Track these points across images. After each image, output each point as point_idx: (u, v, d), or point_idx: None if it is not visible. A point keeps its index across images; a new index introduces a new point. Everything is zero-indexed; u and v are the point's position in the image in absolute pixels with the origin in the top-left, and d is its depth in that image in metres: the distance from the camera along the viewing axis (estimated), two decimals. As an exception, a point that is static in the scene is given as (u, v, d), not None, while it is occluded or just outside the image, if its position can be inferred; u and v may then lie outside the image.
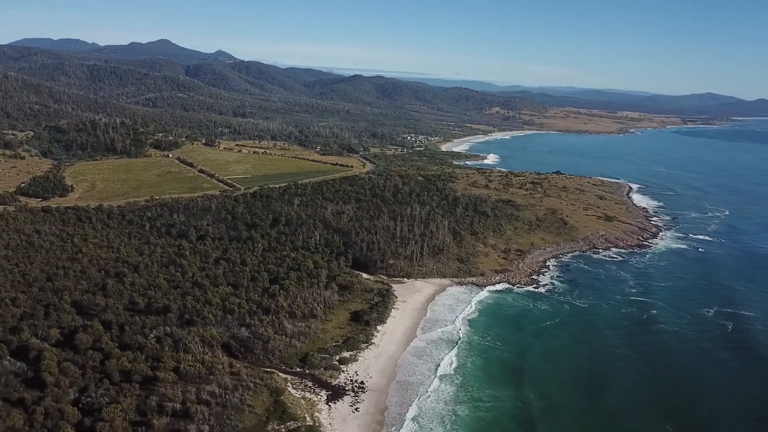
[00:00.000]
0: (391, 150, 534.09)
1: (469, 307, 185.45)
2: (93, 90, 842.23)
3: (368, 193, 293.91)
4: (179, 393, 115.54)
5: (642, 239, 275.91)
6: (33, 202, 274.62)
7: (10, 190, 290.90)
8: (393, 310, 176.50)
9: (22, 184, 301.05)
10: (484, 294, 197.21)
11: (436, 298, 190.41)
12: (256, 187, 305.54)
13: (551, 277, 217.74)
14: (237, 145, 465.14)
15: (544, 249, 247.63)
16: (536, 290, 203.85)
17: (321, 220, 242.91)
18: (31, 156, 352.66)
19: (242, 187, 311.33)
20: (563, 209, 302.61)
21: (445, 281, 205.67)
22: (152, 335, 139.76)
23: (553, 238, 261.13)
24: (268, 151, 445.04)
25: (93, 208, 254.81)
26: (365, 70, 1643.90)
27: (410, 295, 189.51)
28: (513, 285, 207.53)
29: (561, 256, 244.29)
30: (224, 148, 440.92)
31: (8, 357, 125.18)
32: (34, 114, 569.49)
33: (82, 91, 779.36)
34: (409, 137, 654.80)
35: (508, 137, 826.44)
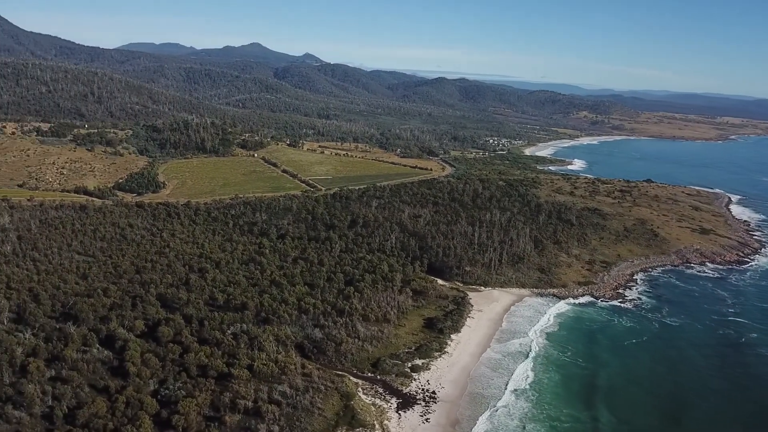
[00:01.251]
0: (472, 153, 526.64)
1: (548, 319, 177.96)
2: (188, 91, 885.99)
3: (446, 197, 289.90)
4: (252, 391, 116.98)
5: (742, 255, 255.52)
6: (128, 197, 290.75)
7: (109, 185, 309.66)
8: (468, 318, 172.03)
9: (120, 180, 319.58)
10: (565, 306, 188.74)
11: (514, 309, 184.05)
12: (336, 189, 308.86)
13: (639, 292, 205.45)
14: (320, 146, 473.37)
15: (632, 261, 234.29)
16: (622, 305, 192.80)
17: (398, 223, 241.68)
18: (129, 153, 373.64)
19: (323, 188, 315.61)
20: (654, 220, 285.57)
21: (523, 291, 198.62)
22: (229, 332, 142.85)
23: (642, 250, 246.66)
24: (349, 153, 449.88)
25: (182, 205, 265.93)
26: (449, 72, 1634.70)
27: (486, 305, 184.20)
28: (597, 298, 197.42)
29: (650, 269, 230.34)
30: (307, 149, 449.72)
31: (97, 345, 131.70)
32: (134, 113, 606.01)
33: (179, 93, 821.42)
34: (491, 140, 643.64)
35: (595, 142, 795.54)
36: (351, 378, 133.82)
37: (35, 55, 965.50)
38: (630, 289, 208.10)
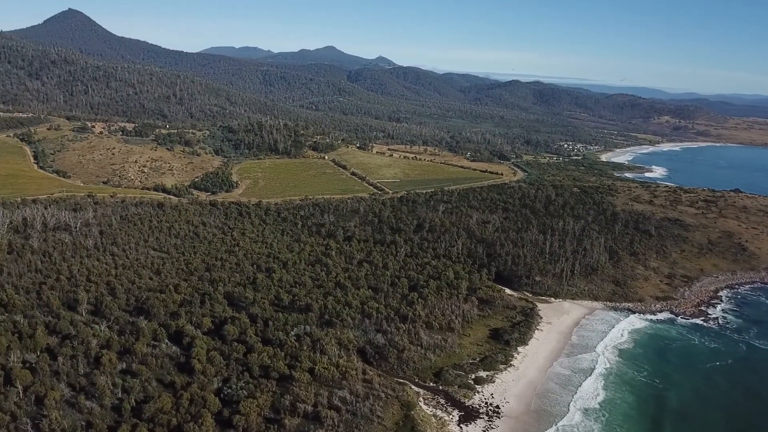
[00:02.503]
0: (545, 158, 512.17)
1: (622, 335, 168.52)
2: (264, 93, 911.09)
3: (517, 202, 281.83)
4: (312, 395, 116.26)
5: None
6: (203, 196, 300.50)
7: (185, 184, 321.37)
8: (536, 331, 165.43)
9: (196, 179, 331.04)
10: (641, 322, 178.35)
11: (585, 323, 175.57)
12: (403, 192, 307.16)
13: (723, 310, 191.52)
14: (389, 149, 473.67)
15: (716, 277, 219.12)
16: (705, 324, 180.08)
17: (465, 229, 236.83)
18: (206, 153, 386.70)
19: (390, 191, 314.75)
20: (742, 233, 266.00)
21: (596, 304, 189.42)
22: (293, 333, 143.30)
23: (728, 265, 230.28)
24: (418, 156, 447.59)
25: (253, 204, 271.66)
26: (523, 75, 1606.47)
27: (556, 317, 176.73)
28: (676, 315, 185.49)
29: (737, 286, 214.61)
30: (376, 152, 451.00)
31: (166, 340, 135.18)
32: (212, 114, 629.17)
33: (255, 95, 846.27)
34: (565, 145, 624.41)
35: (677, 149, 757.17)
36: (412, 387, 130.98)
37: (125, 59, 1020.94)
38: (714, 306, 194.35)
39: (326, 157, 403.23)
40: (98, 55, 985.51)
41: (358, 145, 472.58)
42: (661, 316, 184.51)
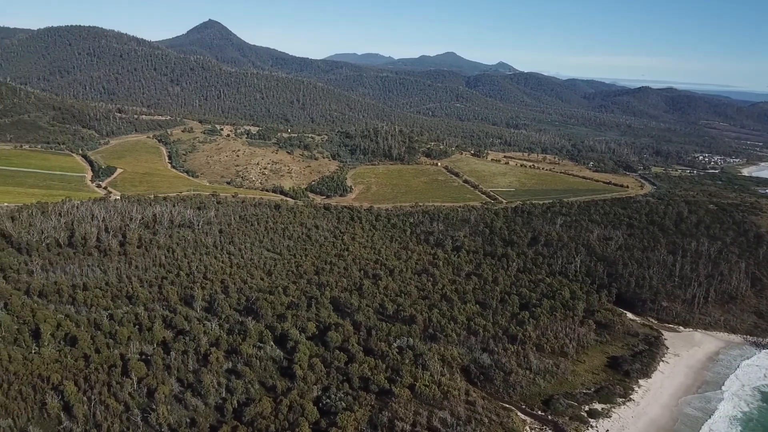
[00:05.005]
0: (676, 171, 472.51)
1: (766, 375, 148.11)
2: (382, 99, 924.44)
3: (644, 219, 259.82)
4: (411, 414, 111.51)
5: None
6: (318, 199, 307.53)
7: (302, 187, 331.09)
8: (661, 362, 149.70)
9: (312, 182, 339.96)
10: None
11: (721, 357, 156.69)
12: (518, 202, 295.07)
13: None
14: (505, 156, 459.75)
15: None
16: None
17: (584, 245, 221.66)
18: (323, 157, 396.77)
19: (504, 201, 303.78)
20: None
21: (734, 338, 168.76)
22: (395, 345, 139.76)
23: None
24: (535, 165, 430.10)
25: (365, 209, 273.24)
26: (654, 81, 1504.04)
27: (685, 348, 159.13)
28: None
29: None
30: (491, 159, 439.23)
31: (271, 343, 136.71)
32: (332, 120, 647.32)
33: (373, 101, 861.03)
34: (700, 157, 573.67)
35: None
36: (518, 414, 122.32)
37: (255, 65, 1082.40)
38: None
39: (439, 164, 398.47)
40: (232, 62, 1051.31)
41: (472, 151, 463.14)
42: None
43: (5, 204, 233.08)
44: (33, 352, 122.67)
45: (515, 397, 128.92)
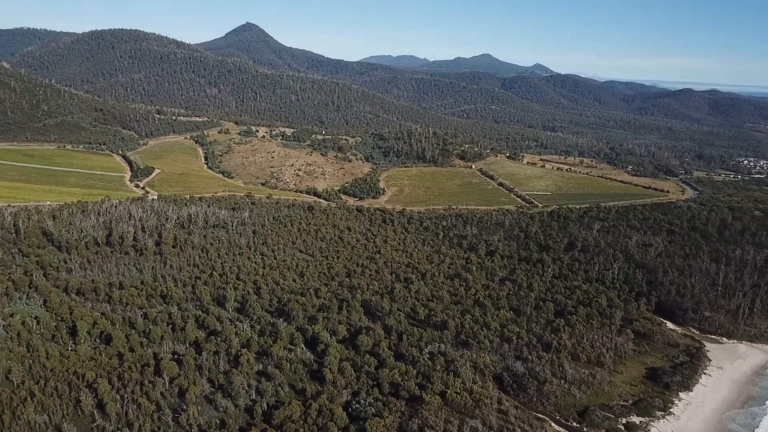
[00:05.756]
0: (720, 175, 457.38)
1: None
2: (417, 101, 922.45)
3: (685, 225, 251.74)
4: (442, 422, 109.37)
5: None
6: (351, 201, 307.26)
7: (335, 189, 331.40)
8: (703, 375, 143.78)
9: (346, 184, 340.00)
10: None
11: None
12: (554, 206, 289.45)
13: None
14: (541, 159, 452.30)
15: None
16: None
17: (622, 251, 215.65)
18: (357, 159, 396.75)
19: (540, 205, 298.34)
20: None
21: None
22: (426, 350, 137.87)
23: None
24: (572, 168, 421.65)
25: (397, 212, 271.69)
26: (696, 83, 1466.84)
27: (729, 361, 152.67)
28: None
29: None
30: (527, 162, 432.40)
31: (302, 345, 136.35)
32: (366, 122, 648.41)
33: (408, 102, 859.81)
34: (746, 161, 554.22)
35: None
36: (552, 424, 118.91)
37: (291, 67, 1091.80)
38: None
39: (473, 167, 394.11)
40: (268, 64, 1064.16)
41: (507, 154, 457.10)
42: None
43: (48, 203, 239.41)
44: (69, 349, 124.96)
45: (549, 407, 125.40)
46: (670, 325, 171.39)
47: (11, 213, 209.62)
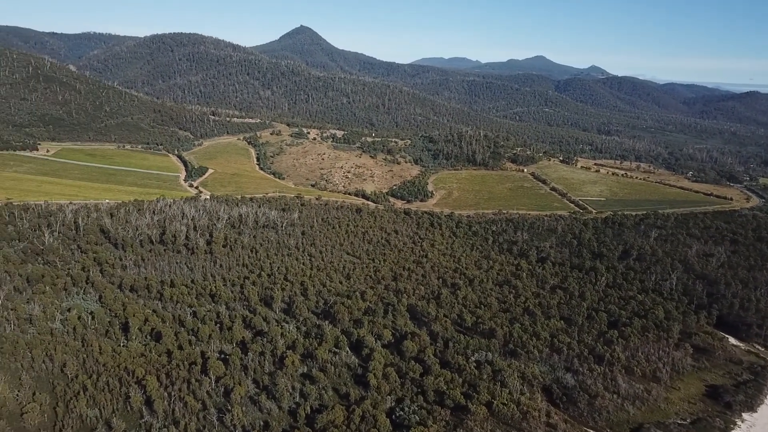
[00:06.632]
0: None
1: None
2: (468, 104, 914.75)
3: (750, 234, 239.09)
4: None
5: None
6: (398, 204, 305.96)
7: (384, 191, 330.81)
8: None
9: (394, 187, 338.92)
10: None
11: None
12: (609, 212, 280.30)
13: None
14: (595, 164, 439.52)
15: None
16: None
17: (681, 261, 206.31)
18: (406, 162, 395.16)
19: (594, 211, 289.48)
20: None
21: None
22: (473, 358, 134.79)
23: None
24: (628, 173, 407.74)
25: (445, 216, 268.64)
26: (763, 85, 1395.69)
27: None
28: None
29: None
30: (581, 166, 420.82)
31: (346, 349, 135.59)
32: (416, 124, 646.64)
33: (459, 105, 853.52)
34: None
35: None
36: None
37: (343, 70, 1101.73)
38: None
39: (525, 170, 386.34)
40: (321, 66, 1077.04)
41: (561, 158, 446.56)
42: None
43: (106, 201, 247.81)
44: (121, 345, 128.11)
45: (601, 422, 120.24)
46: (732, 340, 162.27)
47: (72, 210, 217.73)
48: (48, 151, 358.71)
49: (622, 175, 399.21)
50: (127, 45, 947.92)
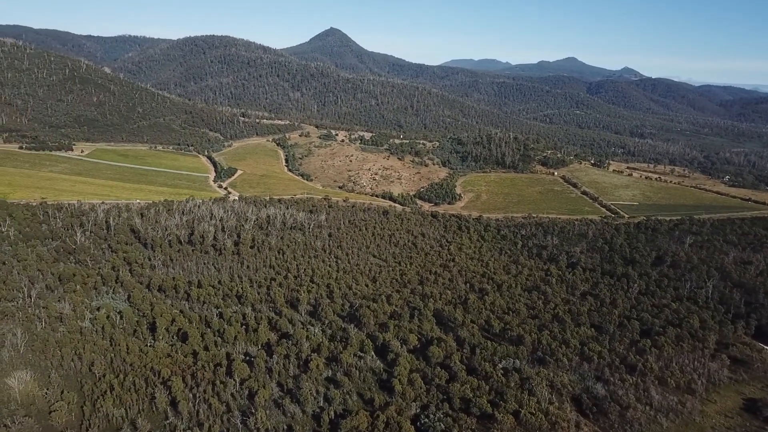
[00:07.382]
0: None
1: None
2: (498, 105, 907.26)
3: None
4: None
5: None
6: (426, 206, 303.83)
7: (411, 193, 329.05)
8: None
9: (421, 189, 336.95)
10: None
11: None
12: (641, 217, 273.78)
13: None
14: (628, 167, 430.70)
15: None
16: None
17: (718, 268, 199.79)
18: (433, 164, 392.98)
19: (626, 215, 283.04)
20: None
21: None
22: (500, 366, 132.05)
23: None
24: (662, 177, 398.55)
25: (473, 219, 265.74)
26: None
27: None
28: None
29: None
30: (613, 170, 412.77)
31: (371, 353, 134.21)
32: (445, 126, 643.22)
33: (488, 107, 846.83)
34: None
35: None
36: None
37: (372, 72, 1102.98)
38: None
39: (556, 173, 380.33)
40: (350, 68, 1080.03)
41: (592, 161, 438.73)
42: None
43: (137, 201, 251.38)
44: (148, 345, 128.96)
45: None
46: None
47: (104, 210, 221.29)
48: (82, 151, 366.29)
49: (656, 179, 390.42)
50: (160, 47, 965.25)
